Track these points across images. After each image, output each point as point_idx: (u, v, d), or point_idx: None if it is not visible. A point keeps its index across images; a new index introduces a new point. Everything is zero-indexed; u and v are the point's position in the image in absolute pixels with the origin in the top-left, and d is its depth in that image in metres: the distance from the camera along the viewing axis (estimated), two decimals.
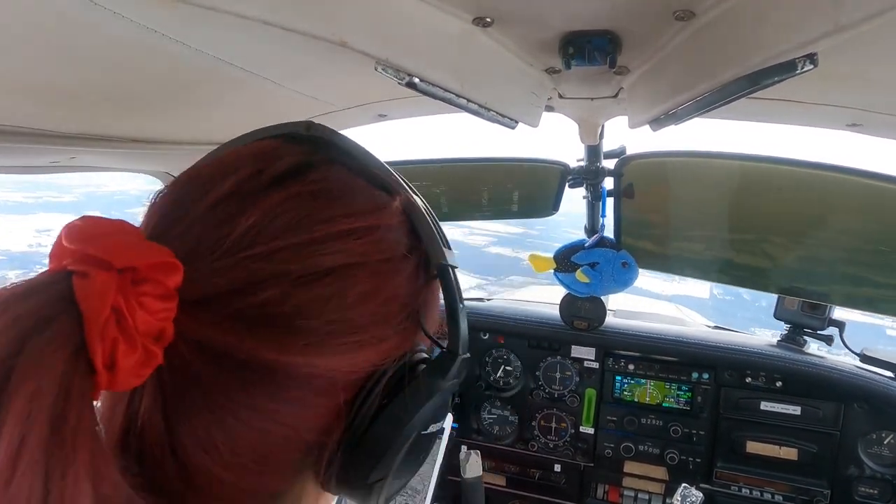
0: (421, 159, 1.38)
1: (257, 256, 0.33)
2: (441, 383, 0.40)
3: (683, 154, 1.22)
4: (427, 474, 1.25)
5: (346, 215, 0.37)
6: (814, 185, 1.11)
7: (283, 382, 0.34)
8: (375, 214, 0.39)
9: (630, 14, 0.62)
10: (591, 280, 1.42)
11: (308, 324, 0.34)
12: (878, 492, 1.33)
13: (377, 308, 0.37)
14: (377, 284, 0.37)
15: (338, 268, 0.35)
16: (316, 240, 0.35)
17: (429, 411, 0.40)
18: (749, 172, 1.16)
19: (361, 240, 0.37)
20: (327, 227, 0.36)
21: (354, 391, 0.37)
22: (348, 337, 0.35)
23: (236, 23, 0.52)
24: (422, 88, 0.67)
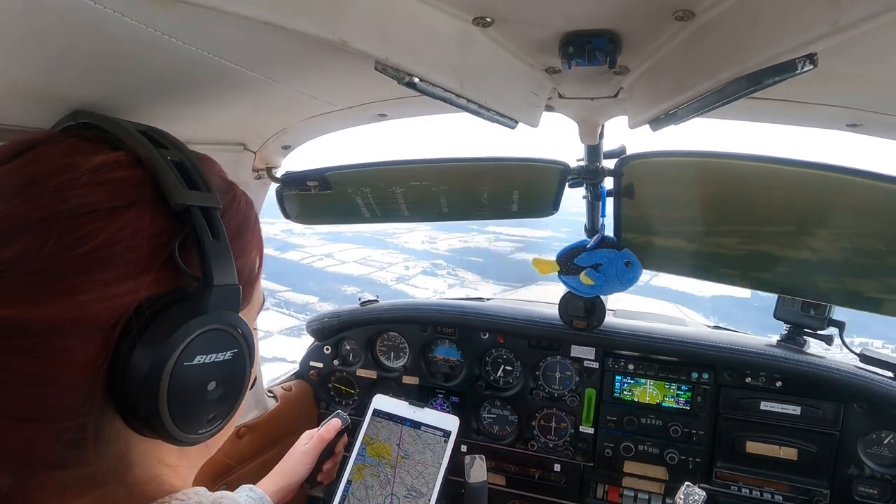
0: (421, 159, 1.38)
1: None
2: (190, 311, 0.43)
3: (683, 154, 1.21)
4: (432, 477, 1.25)
5: (45, 178, 0.42)
6: (814, 185, 1.11)
7: (8, 335, 0.38)
8: (77, 171, 0.42)
9: (630, 14, 0.62)
10: (595, 282, 1.42)
11: (10, 279, 0.38)
12: (877, 492, 1.33)
13: (93, 254, 0.40)
14: (87, 233, 0.40)
15: (34, 225, 0.39)
16: (13, 205, 0.40)
17: (179, 338, 0.42)
18: (749, 172, 1.16)
19: (59, 196, 0.41)
20: (25, 191, 0.41)
21: (110, 332, 0.41)
22: (55, 283, 0.39)
23: (236, 23, 0.52)
24: (422, 88, 0.67)
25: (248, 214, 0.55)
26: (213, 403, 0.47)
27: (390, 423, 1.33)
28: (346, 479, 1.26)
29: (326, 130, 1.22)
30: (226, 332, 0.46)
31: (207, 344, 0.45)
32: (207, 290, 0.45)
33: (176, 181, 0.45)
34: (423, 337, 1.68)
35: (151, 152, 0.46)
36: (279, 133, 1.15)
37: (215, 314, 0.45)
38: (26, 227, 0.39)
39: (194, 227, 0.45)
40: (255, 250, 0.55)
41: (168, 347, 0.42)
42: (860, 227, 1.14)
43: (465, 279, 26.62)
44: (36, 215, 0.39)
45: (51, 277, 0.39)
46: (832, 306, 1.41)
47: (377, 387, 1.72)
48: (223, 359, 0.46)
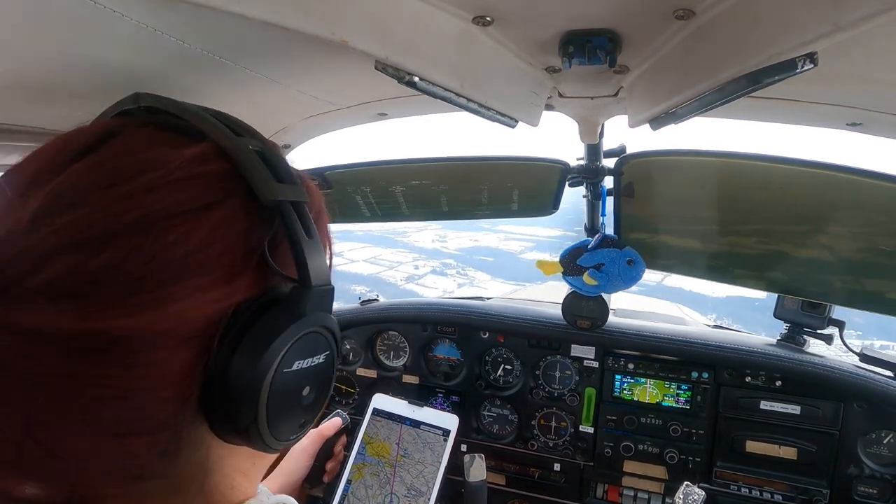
0: (421, 158, 1.38)
1: (44, 236, 0.35)
2: (290, 316, 0.41)
3: (683, 153, 1.21)
4: (431, 477, 1.25)
5: (132, 176, 0.38)
6: (814, 184, 1.11)
7: (107, 348, 0.35)
8: (168, 167, 0.39)
9: (630, 13, 0.62)
10: (598, 282, 1.42)
11: (101, 289, 0.35)
12: (877, 491, 1.33)
13: (188, 257, 0.37)
14: (181, 235, 0.37)
15: (127, 228, 0.36)
16: (100, 207, 0.36)
17: (281, 345, 0.40)
18: (749, 172, 1.16)
19: (151, 195, 0.37)
20: (112, 190, 0.37)
21: (206, 339, 0.38)
22: (153, 292, 0.36)
23: (236, 22, 0.52)
24: (422, 87, 0.67)
25: (322, 207, 0.51)
26: (306, 409, 0.44)
27: (390, 422, 1.33)
28: (345, 478, 1.26)
29: (326, 130, 1.22)
30: (321, 334, 0.44)
31: (305, 348, 0.42)
32: (306, 292, 0.41)
33: (265, 174, 0.41)
34: (423, 336, 1.68)
35: (236, 142, 0.42)
36: (279, 133, 1.15)
37: (313, 317, 0.42)
38: (117, 231, 0.35)
39: (286, 223, 0.41)
40: (329, 245, 0.50)
41: (269, 354, 0.39)
42: (860, 226, 1.14)
43: (474, 278, 26.49)
44: (127, 217, 0.36)
45: (147, 285, 0.36)
46: (832, 305, 1.41)
47: (377, 386, 1.72)
48: (317, 362, 0.44)
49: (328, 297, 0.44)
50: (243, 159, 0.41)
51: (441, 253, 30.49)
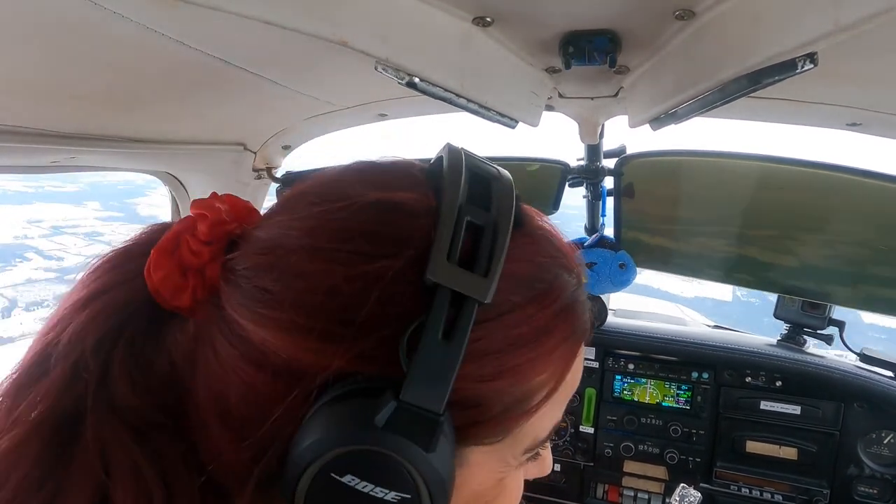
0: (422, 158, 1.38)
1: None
2: (359, 420, 0.32)
3: (683, 153, 1.22)
4: None
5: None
6: (814, 184, 1.11)
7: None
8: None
9: (630, 13, 0.62)
10: (588, 280, 1.43)
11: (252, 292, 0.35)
12: (877, 491, 1.33)
13: (318, 299, 0.34)
14: (314, 271, 0.35)
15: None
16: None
17: (331, 442, 0.32)
18: (749, 172, 1.16)
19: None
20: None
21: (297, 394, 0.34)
22: (273, 311, 0.34)
23: (236, 23, 0.52)
24: (422, 88, 0.67)
25: (555, 324, 0.39)
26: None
27: None
28: None
29: (327, 130, 1.22)
30: (399, 465, 0.33)
31: (365, 467, 0.33)
32: (387, 401, 0.32)
33: (443, 249, 0.34)
34: None
35: (445, 202, 0.36)
36: (279, 133, 1.15)
37: (387, 436, 0.32)
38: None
39: (430, 310, 0.33)
40: (543, 374, 0.38)
41: (317, 444, 0.32)
42: (861, 227, 1.14)
43: None
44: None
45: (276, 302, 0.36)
46: (832, 306, 1.41)
47: None
48: (384, 497, 0.33)
49: (425, 425, 0.33)
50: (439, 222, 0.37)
51: None
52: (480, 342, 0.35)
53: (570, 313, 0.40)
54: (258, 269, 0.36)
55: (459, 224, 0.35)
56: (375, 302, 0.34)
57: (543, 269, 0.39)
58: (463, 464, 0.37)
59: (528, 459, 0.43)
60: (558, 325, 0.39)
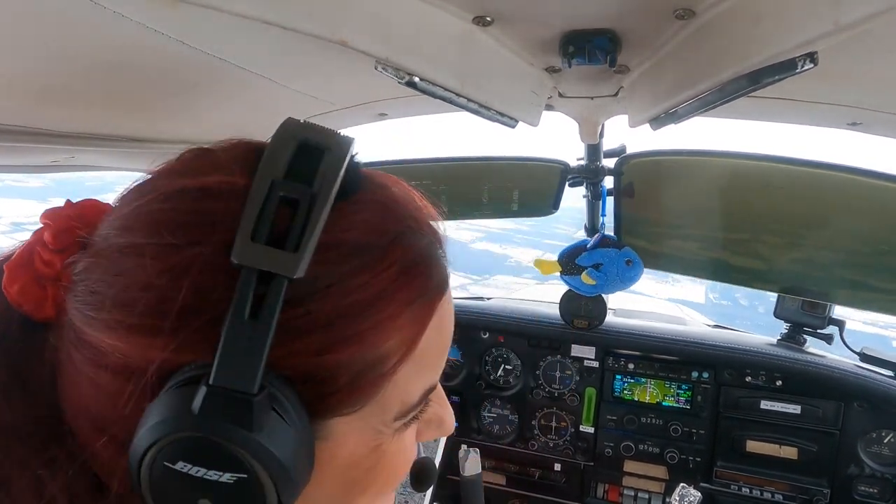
0: (421, 158, 1.38)
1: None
2: (178, 408, 0.33)
3: (683, 153, 1.22)
4: None
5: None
6: (814, 184, 1.11)
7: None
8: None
9: (630, 13, 0.62)
10: (596, 282, 1.43)
11: (86, 298, 0.36)
12: (877, 491, 1.33)
13: (134, 295, 0.35)
14: (130, 267, 0.35)
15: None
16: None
17: (157, 432, 0.33)
18: (749, 171, 1.16)
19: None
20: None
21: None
22: (99, 312, 0.35)
23: (236, 23, 0.52)
24: (422, 87, 0.67)
25: (395, 288, 0.38)
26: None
27: None
28: None
29: None
30: (223, 447, 0.33)
31: (193, 453, 0.34)
32: (201, 386, 0.33)
33: (247, 228, 0.34)
34: None
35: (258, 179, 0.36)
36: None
37: (204, 421, 0.33)
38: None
39: (236, 290, 0.34)
40: (391, 339, 0.38)
41: (145, 434, 0.33)
42: (861, 226, 1.14)
43: None
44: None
45: (106, 304, 0.37)
46: (832, 305, 1.41)
47: None
48: (220, 479, 0.34)
49: (240, 407, 0.33)
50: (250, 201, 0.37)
51: None
52: (308, 317, 0.35)
53: (414, 275, 0.39)
54: (87, 272, 0.37)
55: (270, 201, 0.35)
56: (188, 292, 0.34)
57: (376, 235, 0.39)
58: (327, 436, 0.38)
59: (406, 424, 0.44)
60: (400, 289, 0.38)
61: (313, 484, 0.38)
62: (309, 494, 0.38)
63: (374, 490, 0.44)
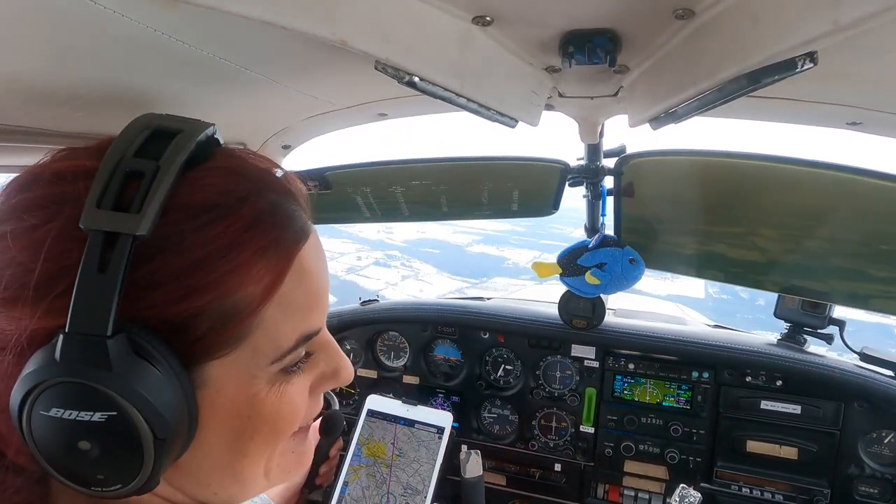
0: (421, 158, 1.38)
1: None
2: (43, 360, 0.38)
3: (683, 153, 1.21)
4: (427, 474, 1.25)
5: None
6: (814, 183, 1.11)
7: None
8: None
9: (630, 13, 0.62)
10: (601, 281, 1.42)
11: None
12: (878, 491, 1.33)
13: (1, 274, 0.39)
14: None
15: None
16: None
17: (27, 384, 0.37)
18: (749, 171, 1.16)
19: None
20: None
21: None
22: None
23: (236, 23, 0.52)
24: (422, 87, 0.67)
25: (245, 239, 0.43)
26: (94, 463, 0.39)
27: (384, 422, 1.33)
28: (342, 480, 1.27)
29: (326, 130, 1.22)
30: (88, 388, 0.38)
31: (62, 398, 0.38)
32: (60, 336, 0.37)
33: (94, 198, 0.39)
34: (424, 336, 1.68)
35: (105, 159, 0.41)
36: (279, 133, 1.15)
37: (65, 366, 0.37)
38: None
39: (84, 252, 0.38)
40: (248, 285, 0.43)
41: (18, 389, 0.38)
42: (862, 226, 1.14)
43: (419, 271, 25.54)
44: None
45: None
46: (833, 305, 1.41)
47: (378, 386, 1.72)
48: (91, 418, 0.38)
49: (96, 349, 0.37)
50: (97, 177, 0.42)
51: (386, 244, 29.54)
52: (163, 270, 0.40)
53: (265, 227, 0.44)
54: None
55: (116, 175, 0.40)
56: (46, 263, 0.39)
57: (224, 196, 0.43)
58: (206, 382, 0.43)
59: (286, 372, 0.48)
60: (251, 239, 0.43)
61: (204, 430, 0.43)
62: (203, 440, 0.44)
63: (262, 439, 0.47)
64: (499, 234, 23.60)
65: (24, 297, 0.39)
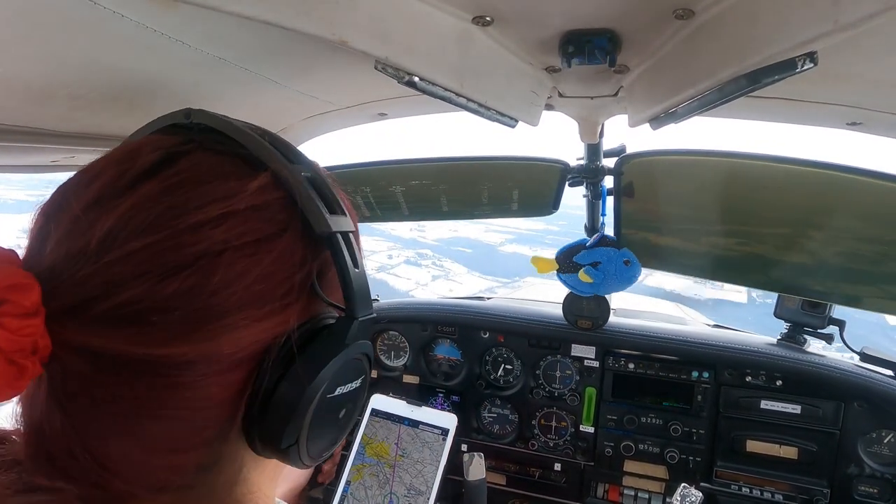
0: (421, 158, 1.38)
1: (115, 261, 0.36)
2: (337, 345, 0.42)
3: (683, 153, 1.21)
4: (431, 476, 1.25)
5: (201, 206, 0.38)
6: (814, 183, 1.11)
7: (165, 372, 0.36)
8: (236, 198, 0.39)
9: (630, 13, 0.62)
10: (594, 280, 1.42)
11: (167, 317, 0.36)
12: (877, 491, 1.33)
13: (250, 288, 0.39)
14: (246, 267, 0.39)
15: (196, 259, 0.37)
16: (170, 236, 0.37)
17: (328, 373, 0.42)
18: (749, 171, 1.16)
19: (220, 227, 0.38)
20: (182, 220, 0.37)
21: (256, 363, 0.40)
22: (216, 322, 0.37)
23: (236, 23, 0.52)
24: (421, 87, 0.67)
25: (357, 228, 0.49)
26: (340, 428, 0.47)
27: (388, 422, 1.33)
28: (344, 479, 1.27)
29: (326, 130, 1.22)
30: (361, 361, 0.46)
31: (347, 374, 0.44)
32: (352, 323, 0.43)
33: (320, 204, 0.42)
34: (424, 336, 1.68)
35: (291, 171, 0.42)
36: (279, 133, 1.15)
37: (356, 345, 0.44)
38: (186, 262, 0.37)
39: (336, 255, 0.43)
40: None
41: (318, 382, 0.41)
42: (861, 226, 1.14)
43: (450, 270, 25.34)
44: (196, 248, 0.37)
45: (211, 316, 0.37)
46: (833, 305, 1.41)
47: (377, 386, 1.72)
48: (355, 387, 0.46)
49: (369, 326, 0.46)
50: (301, 190, 0.42)
51: (418, 243, 29.38)
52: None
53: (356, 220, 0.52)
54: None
55: (307, 183, 0.44)
56: (298, 268, 0.42)
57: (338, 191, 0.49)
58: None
59: None
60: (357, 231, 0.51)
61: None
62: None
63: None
64: (532, 233, 23.37)
65: (283, 304, 0.41)
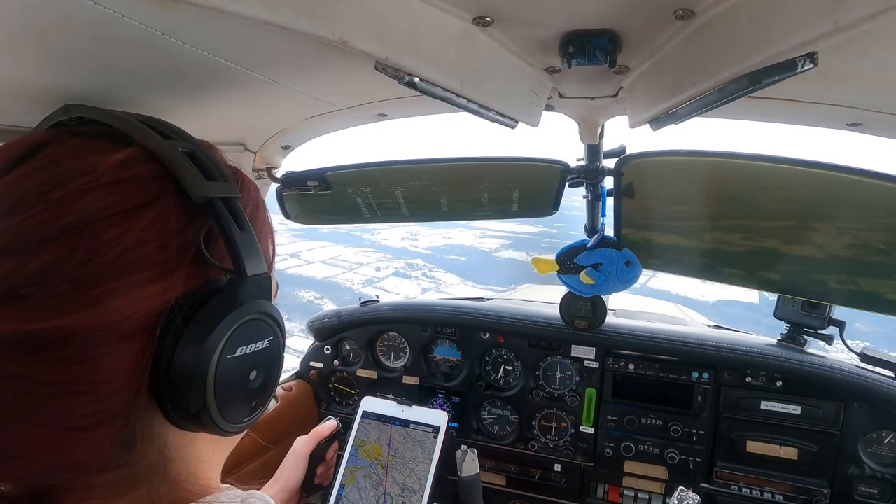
0: (421, 159, 1.38)
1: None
2: (228, 305, 0.43)
3: (683, 153, 1.21)
4: (423, 474, 1.25)
5: (63, 182, 0.40)
6: (814, 184, 1.11)
7: (51, 347, 0.37)
8: (97, 172, 0.41)
9: (630, 13, 0.62)
10: (595, 281, 1.42)
11: (41, 290, 0.37)
12: (878, 491, 1.33)
13: (124, 256, 0.40)
14: (115, 236, 0.40)
15: (62, 232, 0.38)
16: (34, 213, 0.39)
17: (221, 333, 0.42)
18: (749, 172, 1.16)
19: (82, 200, 0.39)
20: (45, 197, 0.39)
21: (149, 332, 0.41)
22: (91, 290, 0.38)
23: (236, 23, 0.52)
24: (422, 88, 0.67)
25: (258, 200, 0.54)
26: (255, 391, 0.47)
27: (380, 423, 1.33)
28: (338, 482, 1.27)
29: (326, 130, 1.22)
30: (262, 320, 0.47)
31: (246, 335, 0.45)
32: (242, 282, 0.44)
33: (195, 173, 0.44)
34: (424, 337, 1.68)
35: (163, 144, 0.45)
36: (279, 133, 1.15)
37: (251, 305, 0.45)
38: (52, 235, 0.38)
39: (218, 219, 0.45)
40: (269, 235, 0.54)
41: (211, 343, 0.42)
42: (861, 227, 1.14)
43: (441, 281, 24.48)
44: (60, 222, 0.38)
45: (85, 285, 0.38)
46: (833, 306, 1.41)
47: (377, 387, 1.72)
48: (261, 347, 0.47)
49: (266, 286, 0.47)
50: (172, 160, 0.44)
51: (409, 252, 28.59)
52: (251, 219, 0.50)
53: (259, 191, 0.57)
54: None
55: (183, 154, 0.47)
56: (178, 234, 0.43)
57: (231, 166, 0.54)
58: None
59: None
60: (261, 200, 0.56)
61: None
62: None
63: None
64: (529, 237, 23.00)
65: (164, 271, 0.41)
